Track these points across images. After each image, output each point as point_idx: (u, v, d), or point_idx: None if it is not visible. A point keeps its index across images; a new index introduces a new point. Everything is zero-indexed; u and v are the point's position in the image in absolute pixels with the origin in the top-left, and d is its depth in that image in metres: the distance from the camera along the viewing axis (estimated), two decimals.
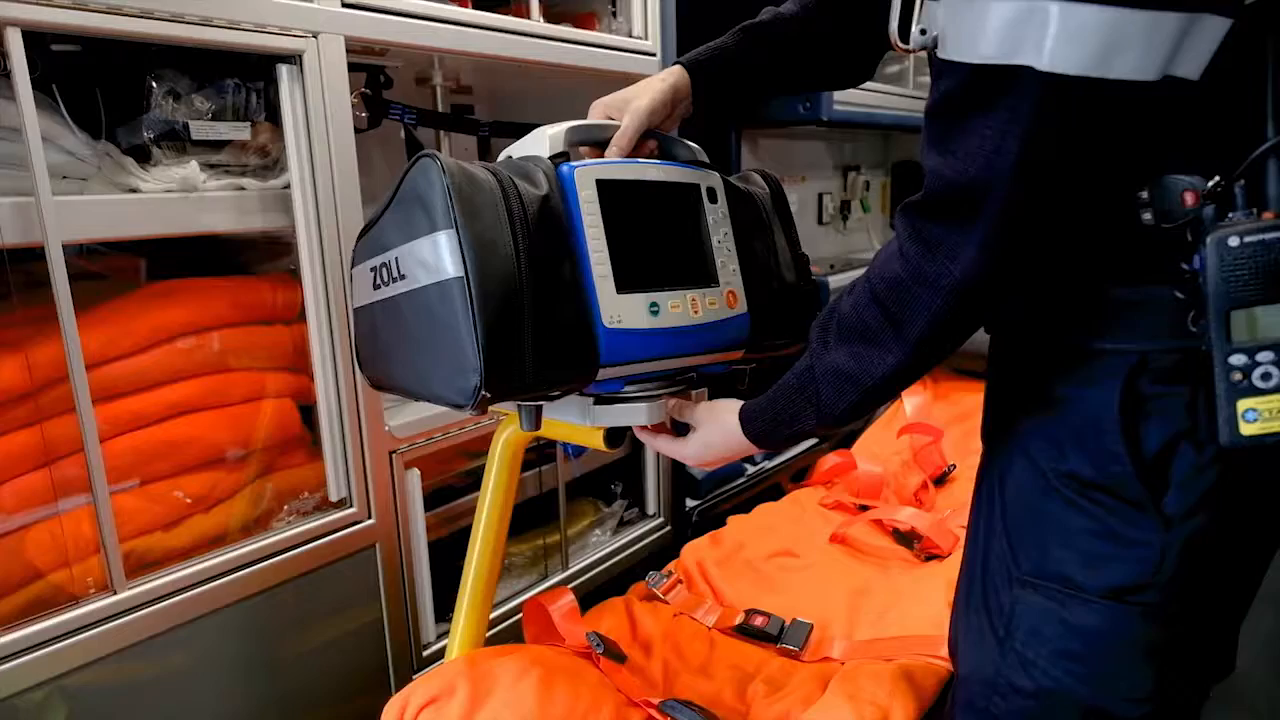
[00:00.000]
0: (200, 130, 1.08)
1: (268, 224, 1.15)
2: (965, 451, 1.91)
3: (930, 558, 1.50)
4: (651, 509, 1.89)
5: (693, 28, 1.80)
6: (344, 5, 1.13)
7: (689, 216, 0.89)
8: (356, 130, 1.19)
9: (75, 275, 0.95)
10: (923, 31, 0.70)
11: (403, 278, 0.78)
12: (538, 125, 1.55)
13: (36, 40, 0.91)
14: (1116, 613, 0.68)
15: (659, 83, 0.93)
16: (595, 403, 0.94)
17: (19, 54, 0.88)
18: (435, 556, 1.40)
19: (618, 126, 0.90)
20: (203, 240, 1.13)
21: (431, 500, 1.44)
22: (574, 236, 0.78)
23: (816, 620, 1.28)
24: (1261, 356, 0.59)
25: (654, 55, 1.68)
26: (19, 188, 0.92)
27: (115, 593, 1.02)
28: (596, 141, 0.90)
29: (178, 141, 1.07)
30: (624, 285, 0.80)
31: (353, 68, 1.18)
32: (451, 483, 1.53)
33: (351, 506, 1.26)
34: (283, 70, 1.10)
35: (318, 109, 1.12)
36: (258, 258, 1.25)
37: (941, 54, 0.61)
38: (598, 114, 0.93)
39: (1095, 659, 0.69)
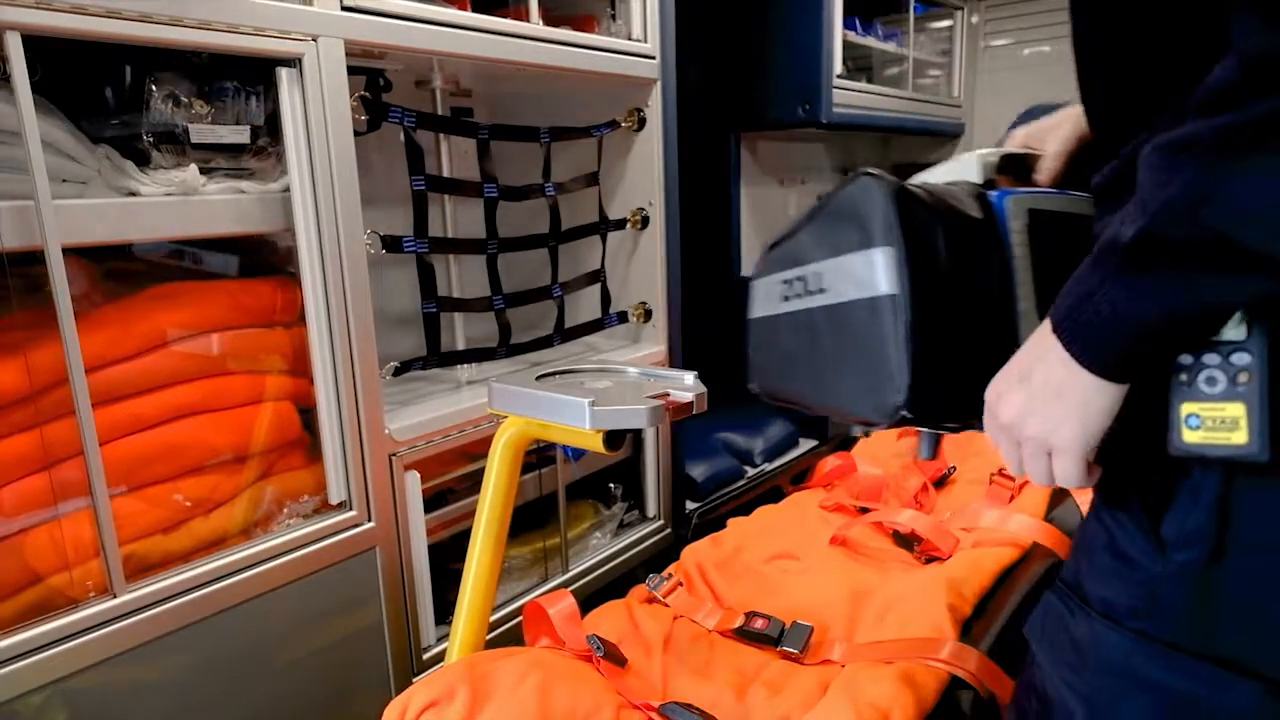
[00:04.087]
0: (200, 133, 1.08)
1: (267, 227, 1.15)
2: (965, 453, 1.91)
3: (930, 560, 1.50)
4: (651, 511, 1.89)
5: (691, 30, 1.80)
6: (343, 9, 1.13)
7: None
8: (356, 133, 1.19)
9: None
10: None
11: (822, 291, 0.77)
12: (537, 128, 1.57)
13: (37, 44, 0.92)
14: (1111, 633, 0.61)
15: (1079, 112, 0.82)
16: (593, 404, 0.94)
17: (19, 58, 0.88)
18: (435, 559, 1.39)
19: (1039, 155, 0.85)
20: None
21: (431, 503, 1.44)
22: (1003, 265, 0.74)
23: (817, 623, 1.28)
24: (1208, 358, 0.53)
25: (653, 58, 1.68)
26: (18, 191, 0.92)
27: (115, 596, 1.02)
28: (1019, 170, 0.87)
29: (177, 144, 1.07)
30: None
31: (352, 71, 1.18)
32: (451, 485, 1.53)
33: (351, 509, 1.25)
34: (282, 74, 1.10)
35: (317, 112, 1.12)
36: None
37: None
38: (1017, 142, 0.88)
39: (1090, 675, 0.64)
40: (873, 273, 0.70)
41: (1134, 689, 0.61)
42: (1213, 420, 0.53)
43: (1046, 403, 0.59)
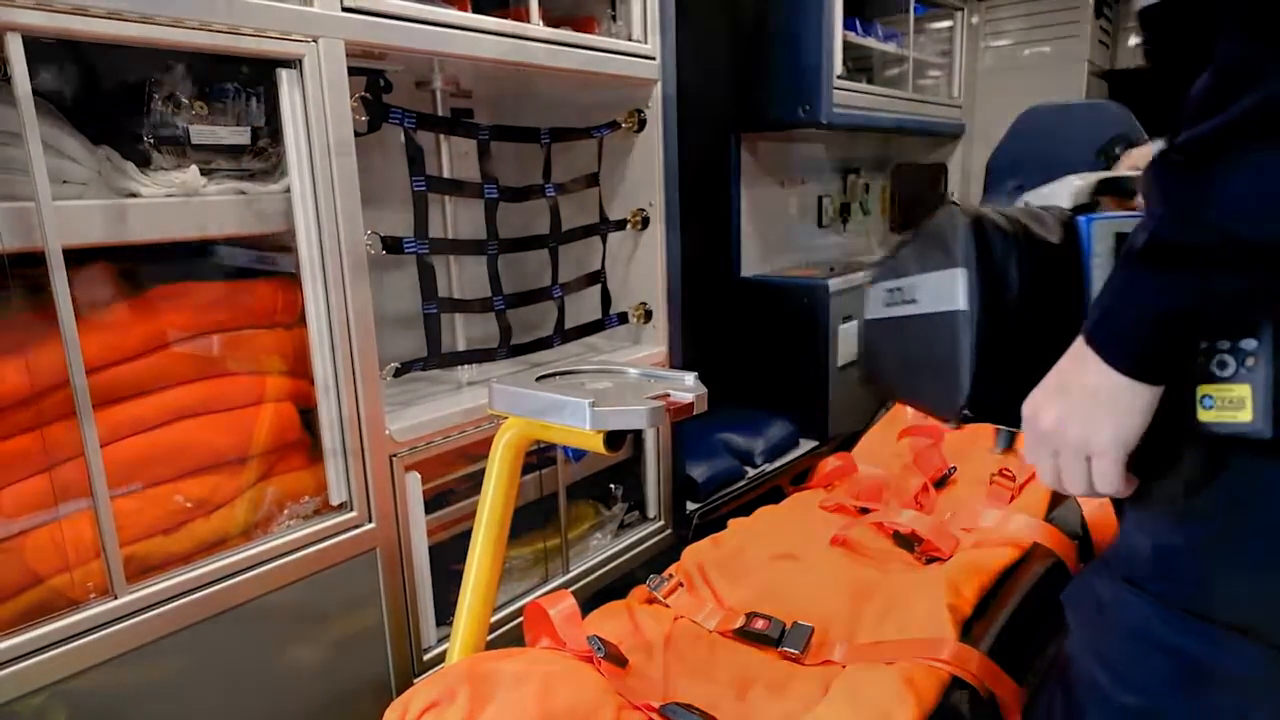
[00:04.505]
0: (200, 135, 1.08)
1: (267, 227, 1.15)
2: (966, 454, 1.91)
3: (931, 560, 1.50)
4: (652, 512, 1.89)
5: (691, 30, 1.80)
6: (344, 10, 1.13)
7: None
8: (356, 134, 1.19)
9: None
10: None
11: (913, 302, 0.86)
12: (538, 129, 1.57)
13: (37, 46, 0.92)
14: (1133, 597, 0.68)
15: None
16: (594, 405, 0.94)
17: (19, 59, 0.88)
18: (436, 560, 1.39)
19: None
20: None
21: (432, 504, 1.44)
22: (1082, 285, 0.79)
23: (817, 623, 1.28)
24: (1220, 343, 0.58)
25: (653, 59, 1.68)
26: (19, 193, 0.92)
27: (116, 597, 1.02)
28: (1124, 193, 0.91)
29: (178, 146, 1.07)
30: None
31: (352, 72, 1.18)
32: (452, 486, 1.53)
33: (352, 510, 1.25)
34: (283, 75, 1.10)
35: (318, 113, 1.12)
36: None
37: None
38: (1128, 165, 0.93)
39: (1110, 637, 0.70)
40: (951, 290, 0.78)
41: (1150, 650, 0.66)
42: (1223, 400, 0.57)
43: (1083, 408, 0.63)
